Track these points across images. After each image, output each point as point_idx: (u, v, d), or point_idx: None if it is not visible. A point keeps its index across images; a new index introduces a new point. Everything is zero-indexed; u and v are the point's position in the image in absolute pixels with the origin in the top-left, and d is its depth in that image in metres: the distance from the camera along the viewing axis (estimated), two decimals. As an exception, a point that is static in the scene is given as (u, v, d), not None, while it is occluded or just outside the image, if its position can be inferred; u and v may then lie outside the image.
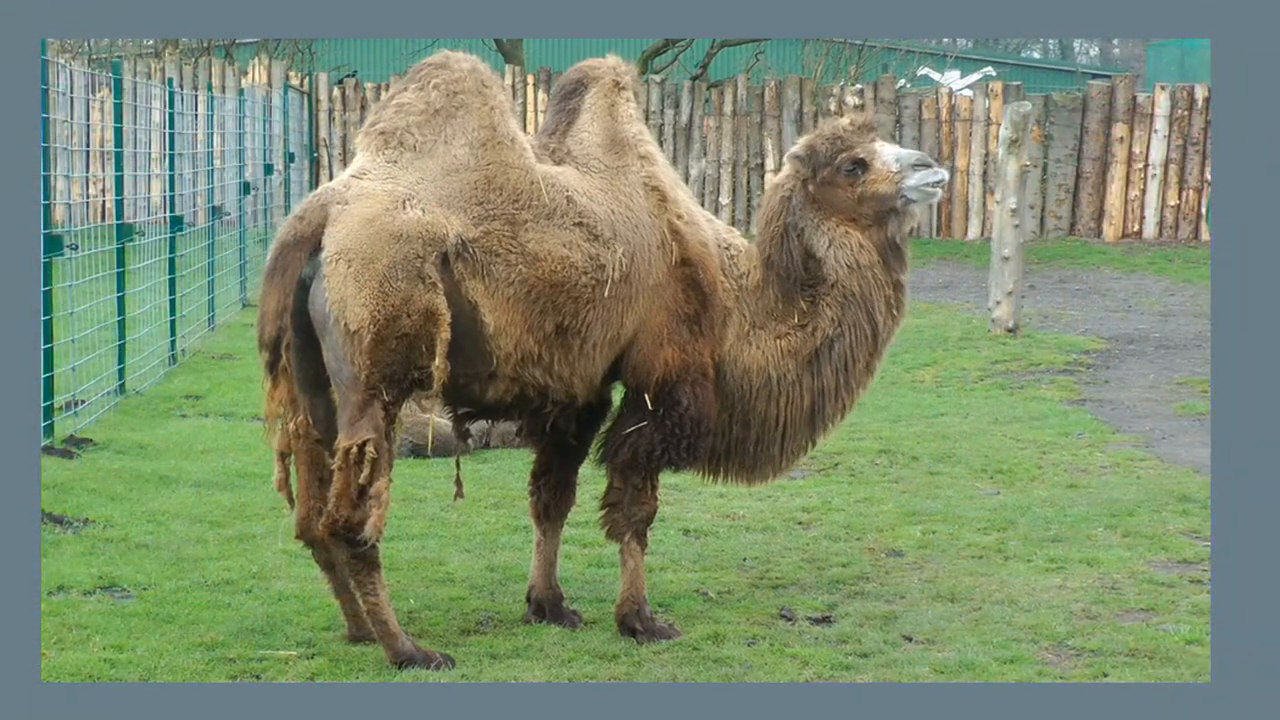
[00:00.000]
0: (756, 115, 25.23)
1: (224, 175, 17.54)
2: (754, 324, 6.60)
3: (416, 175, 6.10)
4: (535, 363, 6.16)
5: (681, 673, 5.96)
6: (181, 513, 8.20)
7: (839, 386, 6.64)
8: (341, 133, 25.95)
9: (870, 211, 6.55)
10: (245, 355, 13.65)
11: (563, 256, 6.13)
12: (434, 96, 6.26)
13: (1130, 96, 23.94)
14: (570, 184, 6.30)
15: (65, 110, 15.52)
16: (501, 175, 6.15)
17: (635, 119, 6.58)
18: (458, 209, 6.06)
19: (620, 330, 6.29)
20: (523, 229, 6.11)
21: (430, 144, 6.18)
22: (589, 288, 6.18)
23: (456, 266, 6.00)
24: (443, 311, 5.93)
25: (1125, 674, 6.01)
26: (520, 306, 6.08)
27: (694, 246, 6.46)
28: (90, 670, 5.81)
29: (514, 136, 6.26)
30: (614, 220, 6.29)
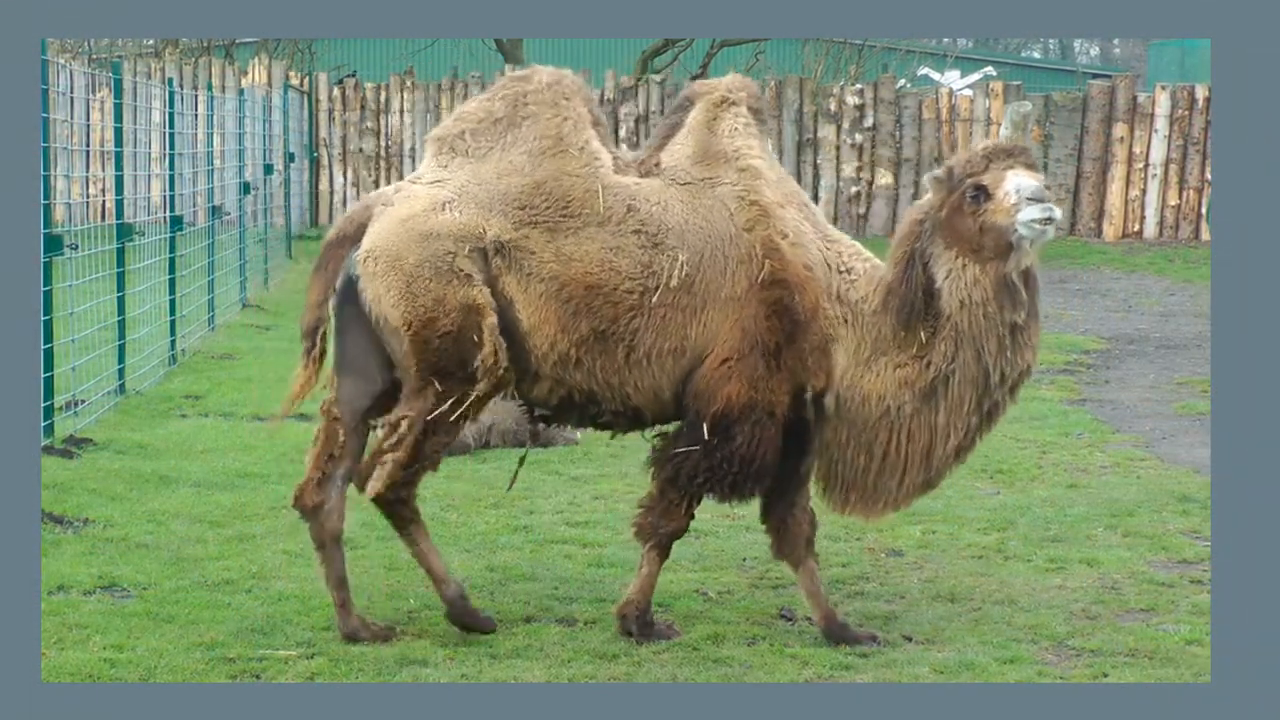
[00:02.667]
0: (756, 115, 25.21)
1: (224, 175, 17.54)
2: (874, 351, 6.30)
3: (465, 179, 6.26)
4: (574, 365, 6.18)
5: (681, 673, 5.96)
6: (181, 513, 8.19)
7: (949, 426, 6.28)
8: (341, 133, 25.96)
9: (991, 244, 6.11)
10: (245, 355, 13.66)
11: (603, 260, 6.13)
12: (498, 106, 6.40)
13: (1131, 96, 23.94)
14: (641, 194, 6.26)
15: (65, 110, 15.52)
16: (554, 182, 6.22)
17: (743, 133, 6.42)
18: (499, 212, 6.17)
19: (684, 342, 6.19)
20: (564, 234, 6.16)
21: (485, 150, 6.31)
22: (633, 294, 6.14)
23: (495, 261, 6.15)
24: (482, 302, 6.09)
25: (1125, 674, 6.01)
26: (552, 305, 6.13)
27: (793, 268, 6.24)
28: (90, 670, 5.81)
29: (584, 147, 6.29)
30: (684, 230, 6.20)
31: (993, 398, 6.26)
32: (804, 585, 6.47)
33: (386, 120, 25.92)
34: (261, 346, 14.26)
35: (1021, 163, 6.17)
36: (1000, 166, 6.14)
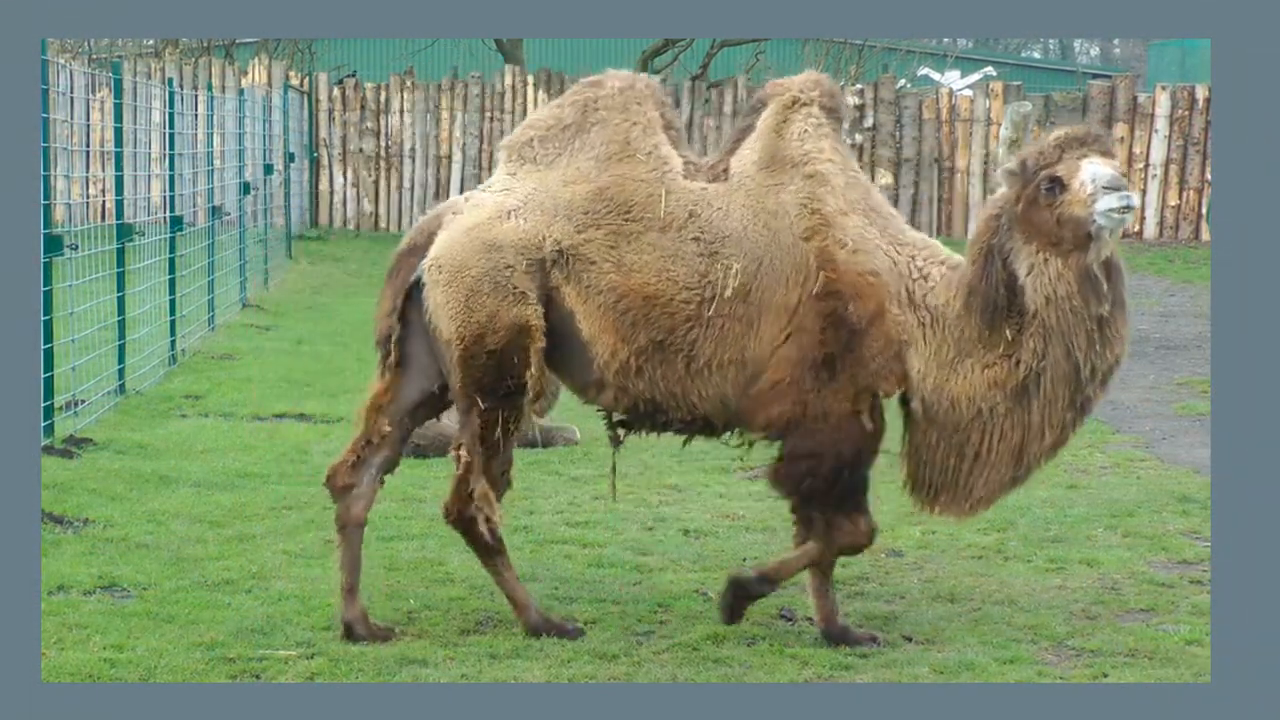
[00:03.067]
0: (756, 115, 25.22)
1: (224, 175, 17.54)
2: (959, 352, 6.15)
3: (532, 186, 6.28)
4: (636, 374, 6.15)
5: (681, 673, 5.96)
6: (181, 513, 8.19)
7: (1043, 423, 6.17)
8: (341, 133, 25.97)
9: (1069, 236, 5.96)
10: (245, 355, 13.66)
11: (661, 269, 6.10)
12: (567, 112, 6.40)
13: (1131, 96, 23.95)
14: (705, 200, 6.20)
15: (65, 110, 15.51)
16: (617, 187, 6.20)
17: (813, 136, 6.30)
18: (563, 218, 6.17)
19: (743, 353, 6.13)
20: (626, 240, 6.14)
21: (553, 157, 6.32)
22: (690, 304, 6.10)
23: (553, 273, 6.16)
24: (533, 323, 6.12)
25: (1125, 674, 6.01)
26: (611, 316, 6.12)
27: (848, 277, 6.12)
28: (90, 670, 5.81)
29: (651, 151, 6.26)
30: (744, 237, 6.13)
31: (1085, 392, 6.15)
32: (812, 583, 6.43)
33: (386, 120, 25.93)
34: (261, 346, 14.26)
35: (1096, 150, 6.00)
36: (1074, 156, 5.99)
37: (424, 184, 25.90)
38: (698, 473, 9.43)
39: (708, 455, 9.88)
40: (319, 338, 15.07)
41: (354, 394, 11.88)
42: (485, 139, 25.75)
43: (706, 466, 9.58)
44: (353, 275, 21.02)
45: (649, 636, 6.39)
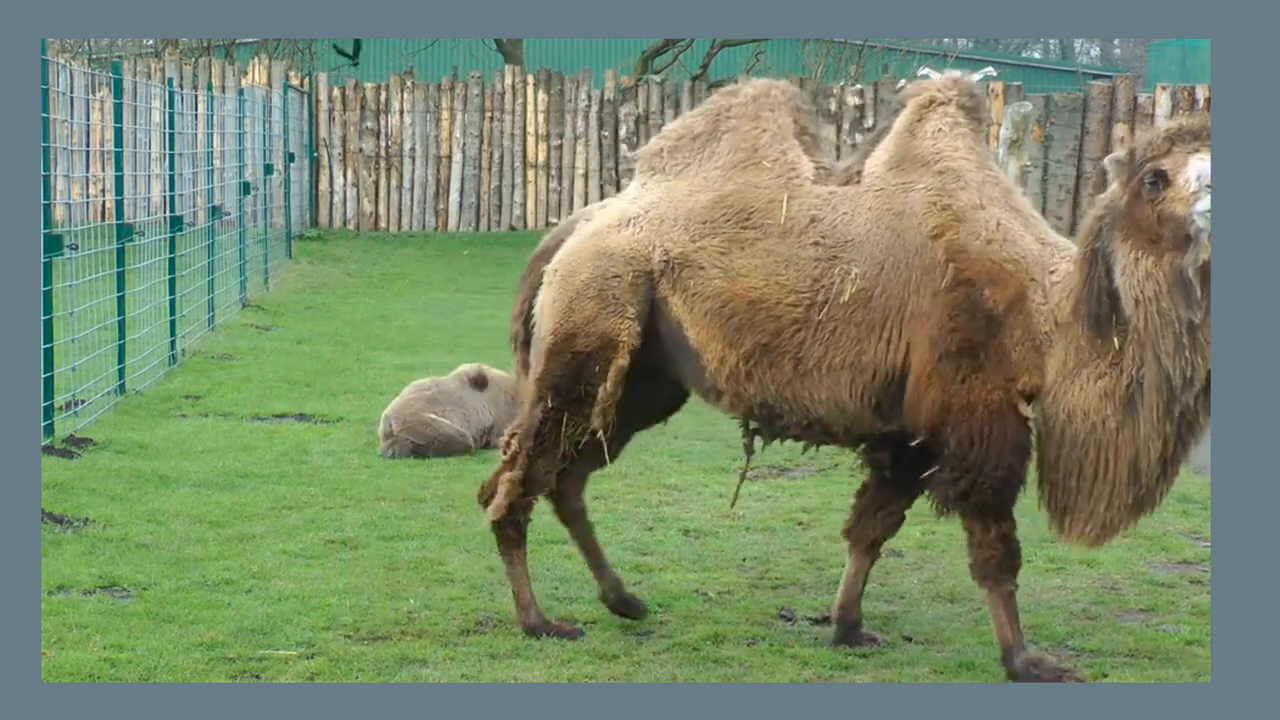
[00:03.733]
0: (757, 115, 25.21)
1: (224, 175, 17.54)
2: (1077, 362, 5.80)
3: (657, 196, 6.28)
4: (746, 379, 6.07)
5: (681, 673, 5.96)
6: (181, 513, 8.20)
7: (1149, 437, 5.74)
8: (341, 133, 25.96)
9: (1168, 235, 5.55)
10: (245, 355, 13.66)
11: (769, 274, 6.01)
12: (698, 121, 6.40)
13: (1131, 97, 23.94)
14: (830, 204, 6.07)
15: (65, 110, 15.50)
16: (737, 195, 6.15)
17: (948, 135, 6.09)
18: (679, 228, 6.16)
19: (860, 357, 5.93)
20: (739, 246, 6.08)
21: (682, 166, 6.32)
22: (797, 307, 5.98)
23: (661, 284, 6.16)
24: (622, 338, 6.14)
25: (1125, 674, 6.01)
26: (716, 322, 6.07)
27: (981, 263, 5.87)
28: (90, 670, 5.81)
29: (778, 158, 6.20)
30: (864, 241, 5.97)
31: (1181, 403, 5.68)
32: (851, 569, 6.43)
33: (386, 120, 25.92)
34: (261, 346, 14.27)
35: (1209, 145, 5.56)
36: (1183, 150, 5.59)
37: (424, 184, 25.90)
38: (698, 473, 9.43)
39: (708, 455, 9.89)
40: (319, 338, 15.08)
41: (354, 394, 11.92)
42: (485, 139, 25.75)
43: (706, 466, 9.58)
44: (353, 275, 21.03)
45: (649, 636, 6.40)
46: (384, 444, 9.85)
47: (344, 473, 9.31)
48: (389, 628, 6.41)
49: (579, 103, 25.57)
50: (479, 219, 25.83)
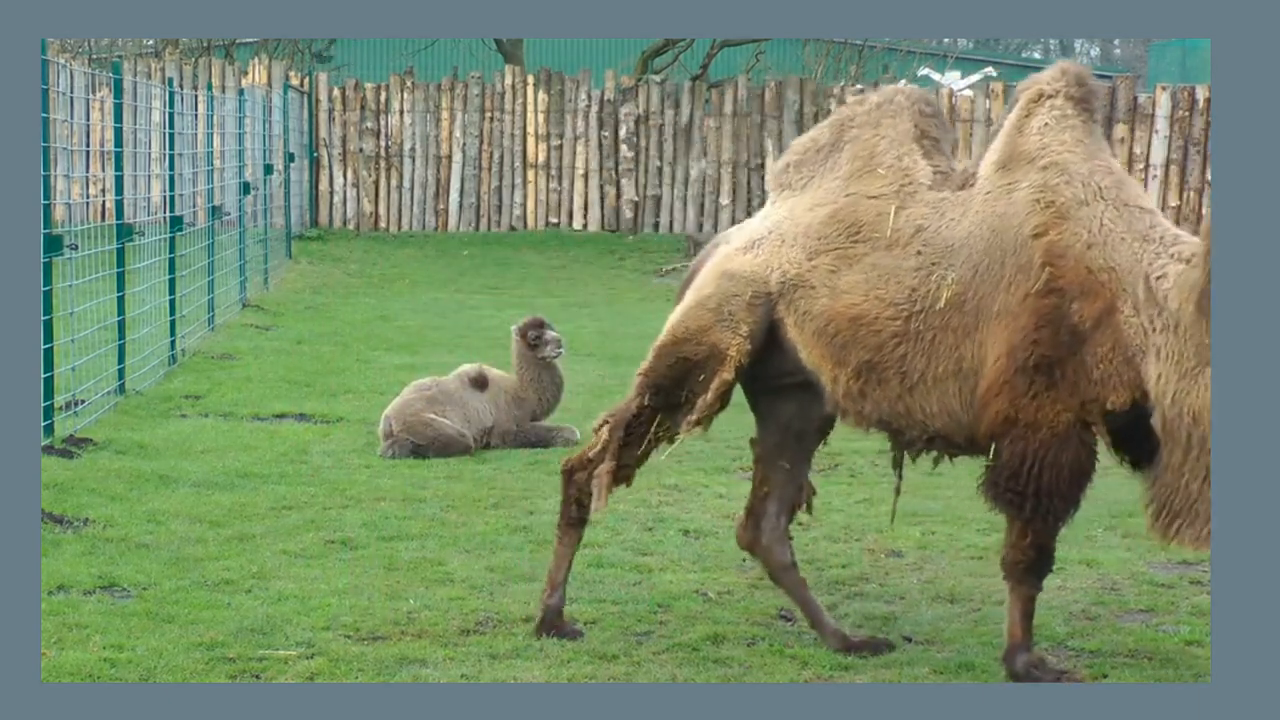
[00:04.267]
0: (757, 115, 25.24)
1: (224, 175, 17.54)
2: (1199, 360, 5.51)
3: (783, 214, 6.23)
4: (860, 397, 5.99)
5: (681, 673, 5.96)
6: (181, 513, 8.20)
7: None
8: (341, 133, 25.96)
9: None
10: (245, 355, 13.66)
11: (870, 289, 5.92)
12: (824, 133, 6.31)
13: (1131, 97, 23.94)
14: (938, 211, 5.94)
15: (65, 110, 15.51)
16: (850, 207, 6.06)
17: (1054, 128, 5.90)
18: (797, 246, 6.09)
19: (960, 364, 5.81)
20: (848, 263, 5.99)
21: (806, 180, 6.25)
22: (895, 320, 5.87)
23: (779, 306, 6.12)
24: (730, 353, 6.10)
25: (1125, 675, 6.01)
26: (823, 340, 6.00)
27: (1075, 273, 5.66)
28: (90, 670, 5.81)
29: (894, 164, 6.07)
30: (965, 245, 5.82)
31: None
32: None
33: (386, 120, 25.92)
34: (261, 346, 14.26)
35: None
36: None
37: (424, 184, 25.89)
38: (698, 473, 9.43)
39: (708, 455, 9.89)
40: (319, 338, 15.08)
41: (354, 394, 11.93)
42: (485, 139, 25.75)
43: (706, 467, 9.58)
44: (353, 275, 21.02)
45: (649, 636, 6.40)
46: (384, 444, 9.86)
47: (344, 473, 9.31)
48: (389, 628, 6.41)
49: (579, 103, 25.57)
50: (479, 219, 25.83)
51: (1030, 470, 5.71)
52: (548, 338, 10.33)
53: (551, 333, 10.39)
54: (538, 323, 10.43)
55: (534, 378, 10.36)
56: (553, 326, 10.52)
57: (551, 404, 10.46)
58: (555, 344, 10.36)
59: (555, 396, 10.46)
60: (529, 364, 10.38)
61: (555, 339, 10.37)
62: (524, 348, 10.37)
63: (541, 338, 10.32)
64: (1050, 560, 5.91)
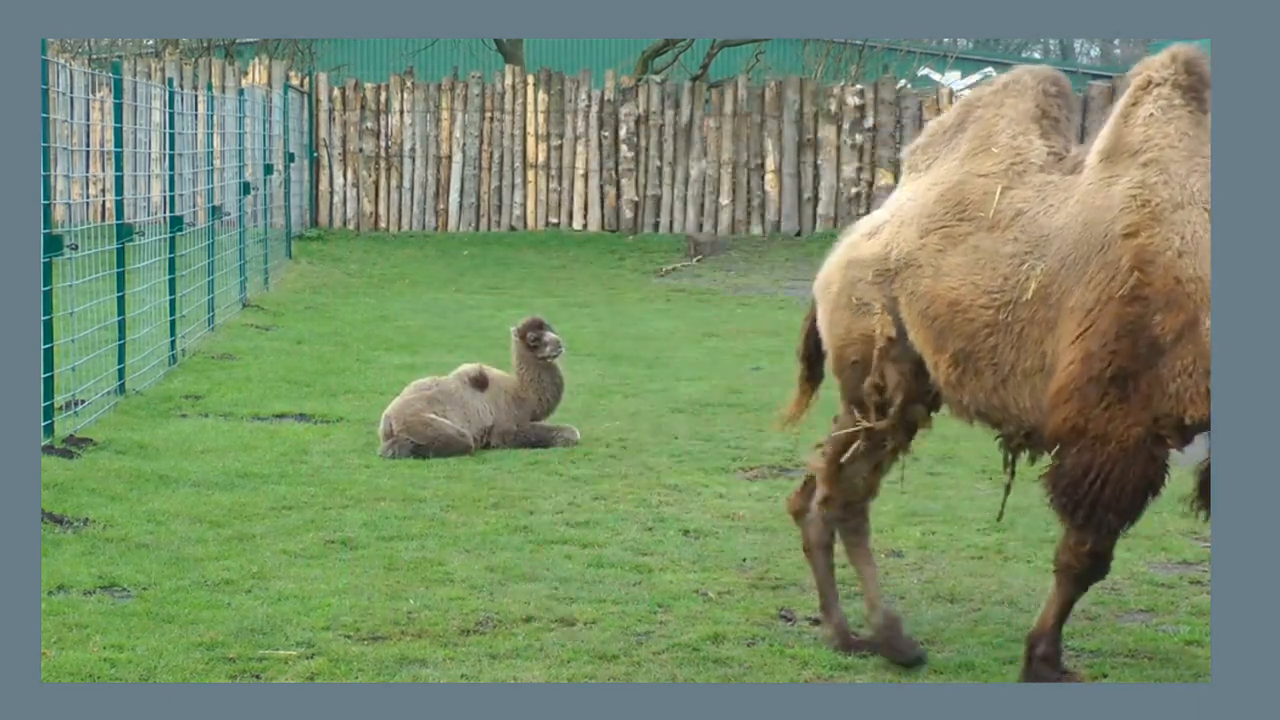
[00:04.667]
0: (757, 115, 25.24)
1: (224, 175, 17.54)
2: None
3: (906, 196, 6.12)
4: (957, 386, 5.82)
5: (681, 673, 5.96)
6: (181, 513, 8.20)
7: None
8: (341, 133, 25.96)
9: None
10: (245, 355, 13.66)
11: (966, 274, 5.73)
12: (951, 114, 6.18)
13: (1130, 97, 23.92)
14: (1042, 195, 5.72)
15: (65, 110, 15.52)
16: (959, 187, 5.89)
17: (1159, 120, 5.62)
18: (913, 225, 5.95)
19: (1044, 360, 5.60)
20: (953, 243, 5.82)
21: (930, 161, 6.13)
22: (988, 309, 5.67)
23: (895, 284, 5.97)
24: (878, 332, 5.98)
25: (1125, 675, 6.01)
26: (925, 323, 5.85)
27: (1163, 282, 5.40)
28: (90, 670, 5.81)
29: (1007, 144, 5.88)
30: (1058, 235, 5.60)
31: None
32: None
33: (386, 120, 25.93)
34: (261, 346, 14.26)
35: None
36: None
37: (424, 184, 25.90)
38: (698, 473, 9.42)
39: (708, 455, 9.89)
40: (319, 338, 15.08)
41: (354, 394, 11.93)
42: (485, 139, 25.76)
43: (706, 467, 9.58)
44: (353, 275, 21.02)
45: (649, 636, 6.39)
46: (384, 444, 9.86)
47: (344, 473, 9.31)
48: (389, 628, 6.41)
49: (579, 103, 25.57)
50: (479, 219, 25.83)
51: (1092, 483, 5.54)
52: (547, 339, 10.33)
53: (551, 334, 10.38)
54: (537, 324, 10.43)
55: (534, 378, 10.36)
56: (552, 327, 10.52)
57: (552, 404, 10.46)
58: (555, 345, 10.36)
59: (555, 397, 10.46)
60: (529, 364, 10.38)
61: (554, 340, 10.37)
62: (524, 348, 10.37)
63: (541, 339, 10.32)
64: (1105, 568, 5.77)
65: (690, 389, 12.41)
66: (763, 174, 25.16)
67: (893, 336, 5.97)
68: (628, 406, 11.64)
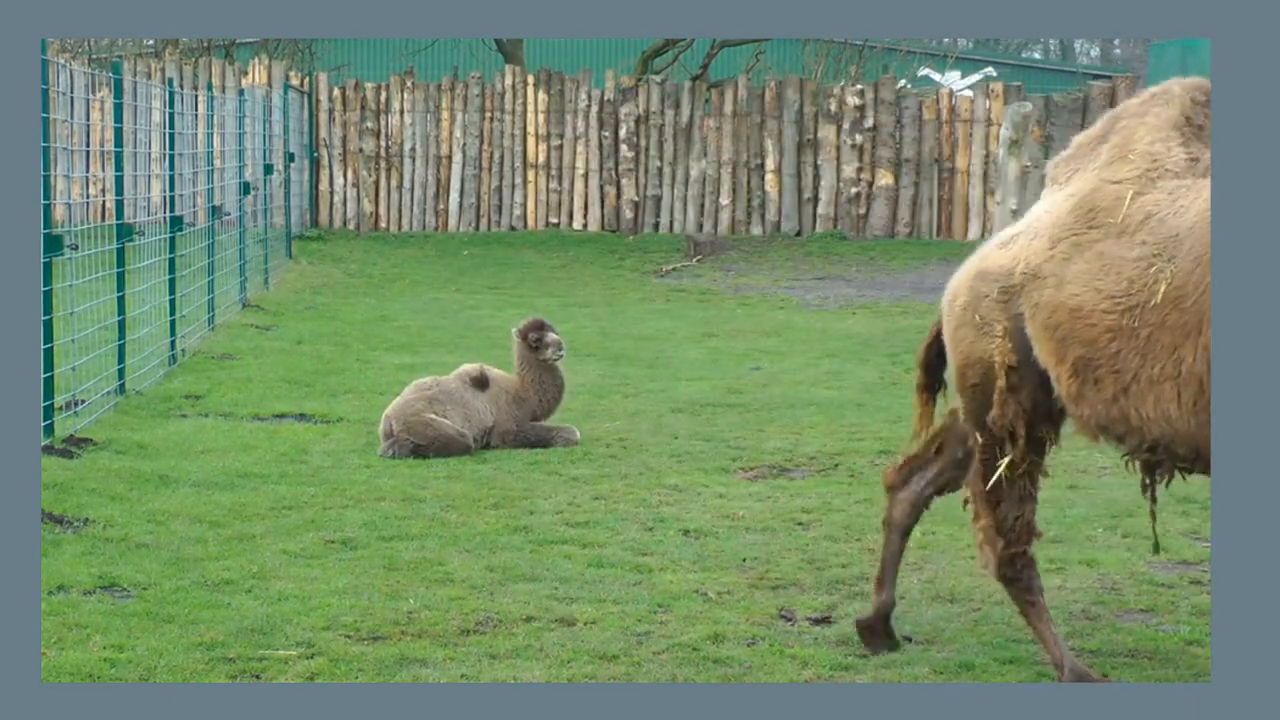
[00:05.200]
0: (757, 115, 25.23)
1: (224, 175, 17.54)
2: None
3: (1044, 208, 5.88)
4: (1078, 399, 5.58)
5: (681, 673, 5.96)
6: (181, 513, 8.20)
7: None
8: (341, 133, 25.97)
9: None
10: (245, 355, 13.66)
11: (1090, 279, 5.51)
12: (1098, 126, 5.96)
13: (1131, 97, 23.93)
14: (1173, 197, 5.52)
15: (65, 110, 15.52)
16: (1092, 195, 5.67)
17: None
18: (1046, 236, 5.72)
19: (1179, 367, 5.33)
20: (1080, 251, 5.58)
21: (1071, 173, 5.91)
22: (1110, 314, 5.44)
23: (1020, 300, 5.73)
24: (996, 359, 5.76)
25: (1125, 674, 6.01)
26: (1047, 334, 5.62)
27: None
28: (90, 670, 5.81)
29: (1145, 150, 5.70)
30: (1189, 235, 5.37)
31: None
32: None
33: (386, 120, 25.93)
34: (261, 346, 14.26)
35: None
36: None
37: (424, 184, 25.90)
38: (698, 473, 9.42)
39: (708, 455, 9.89)
40: (319, 338, 15.08)
41: (354, 394, 11.93)
42: (485, 139, 25.76)
43: (706, 467, 9.58)
44: (353, 275, 21.02)
45: (649, 636, 6.39)
46: (384, 444, 9.86)
47: (344, 473, 9.31)
48: (389, 628, 6.42)
49: (579, 103, 25.57)
50: (479, 219, 25.84)
51: None
52: (548, 340, 10.33)
53: (552, 335, 10.38)
54: (538, 325, 10.43)
55: (535, 379, 10.36)
56: (554, 328, 10.51)
57: (553, 405, 10.46)
58: (556, 346, 10.36)
59: (556, 398, 10.46)
60: (531, 365, 10.38)
61: (556, 341, 10.37)
62: (525, 349, 10.37)
63: (542, 340, 10.32)
64: None
65: (690, 389, 12.41)
66: (763, 174, 25.16)
67: (1013, 365, 5.75)
68: (628, 406, 11.64)
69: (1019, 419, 5.82)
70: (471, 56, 30.93)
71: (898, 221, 24.75)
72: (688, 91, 25.57)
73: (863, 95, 24.90)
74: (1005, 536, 5.95)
